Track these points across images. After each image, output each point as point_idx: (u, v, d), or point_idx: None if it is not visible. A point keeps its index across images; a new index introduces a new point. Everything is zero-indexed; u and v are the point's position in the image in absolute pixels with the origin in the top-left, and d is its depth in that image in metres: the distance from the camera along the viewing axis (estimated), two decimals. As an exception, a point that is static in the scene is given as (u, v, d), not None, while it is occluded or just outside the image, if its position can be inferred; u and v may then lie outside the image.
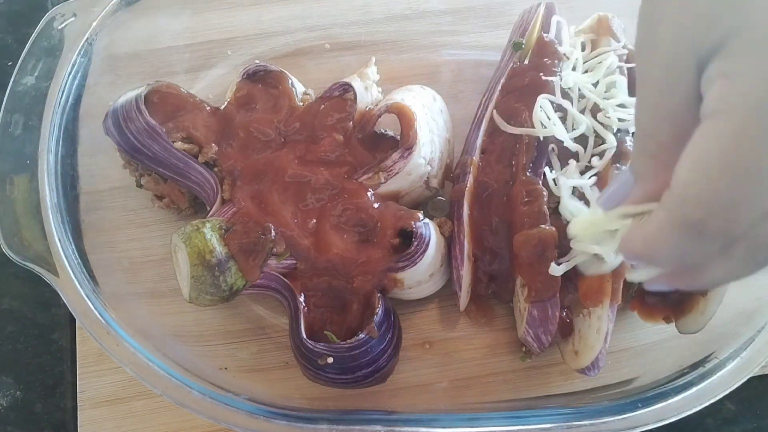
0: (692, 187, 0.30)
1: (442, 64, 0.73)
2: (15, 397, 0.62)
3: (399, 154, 0.57)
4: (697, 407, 0.52)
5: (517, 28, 0.67)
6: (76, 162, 0.63)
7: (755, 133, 0.27)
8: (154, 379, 0.51)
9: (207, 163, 0.60)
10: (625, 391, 0.57)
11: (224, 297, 0.54)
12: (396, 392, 0.59)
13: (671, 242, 0.32)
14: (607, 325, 0.51)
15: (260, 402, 0.52)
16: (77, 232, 0.60)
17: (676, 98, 0.32)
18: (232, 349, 0.60)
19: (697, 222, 0.30)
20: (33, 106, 0.61)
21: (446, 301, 0.62)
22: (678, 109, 0.32)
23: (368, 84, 0.63)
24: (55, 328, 0.64)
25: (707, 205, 0.29)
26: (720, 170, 0.28)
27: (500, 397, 0.59)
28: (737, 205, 0.29)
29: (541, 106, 0.57)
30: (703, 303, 0.55)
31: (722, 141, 0.28)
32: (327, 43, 0.73)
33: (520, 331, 0.56)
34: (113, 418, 0.58)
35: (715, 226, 0.30)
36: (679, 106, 0.32)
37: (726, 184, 0.28)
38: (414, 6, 0.75)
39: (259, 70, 0.63)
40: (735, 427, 0.62)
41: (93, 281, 0.57)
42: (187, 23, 0.72)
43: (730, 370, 0.53)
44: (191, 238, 0.53)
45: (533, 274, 0.53)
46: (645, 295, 0.59)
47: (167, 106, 0.61)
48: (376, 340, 0.53)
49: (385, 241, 0.57)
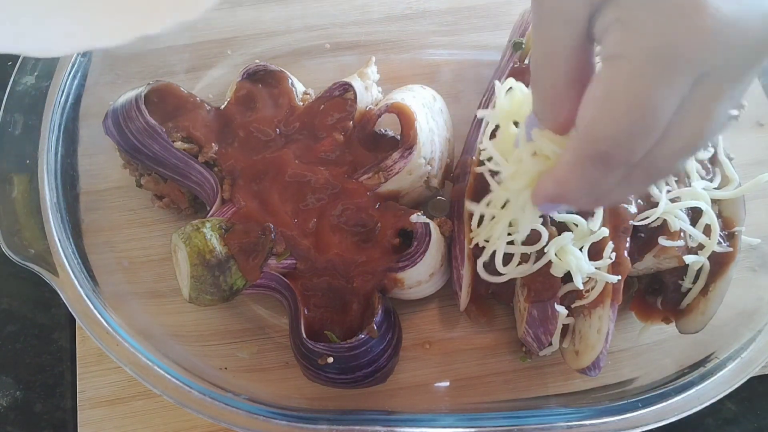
0: (598, 124, 0.33)
1: (442, 64, 0.73)
2: (15, 397, 0.62)
3: (399, 153, 0.57)
4: (698, 407, 0.52)
5: (517, 28, 0.67)
6: (76, 162, 0.63)
7: (652, 75, 0.31)
8: (154, 379, 0.51)
9: (207, 162, 0.60)
10: (625, 391, 0.57)
11: (224, 297, 0.54)
12: (396, 392, 0.59)
13: (581, 178, 0.36)
14: (608, 325, 0.51)
15: (260, 402, 0.52)
16: (77, 231, 0.60)
17: (568, 42, 0.35)
18: (232, 349, 0.60)
19: (604, 154, 0.34)
20: (33, 105, 0.61)
21: (446, 301, 0.62)
22: (570, 53, 0.35)
23: (368, 84, 0.63)
24: (55, 328, 0.64)
25: (612, 138, 0.33)
26: (622, 107, 0.32)
27: (500, 397, 0.59)
28: (637, 136, 0.33)
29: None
30: (704, 303, 0.55)
31: (624, 82, 0.32)
32: (327, 43, 0.73)
33: (520, 331, 0.56)
34: (113, 418, 0.58)
35: (619, 157, 0.34)
36: (572, 50, 0.35)
37: (628, 119, 0.32)
38: (414, 6, 0.75)
39: (259, 69, 0.63)
40: (735, 427, 0.62)
41: (93, 281, 0.57)
42: (186, 23, 0.72)
43: (730, 370, 0.53)
44: (191, 238, 0.53)
45: (533, 274, 0.53)
46: (645, 296, 0.59)
47: (167, 105, 0.61)
48: (376, 340, 0.53)
49: (385, 241, 0.57)
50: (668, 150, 0.34)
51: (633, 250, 0.54)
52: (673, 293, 0.57)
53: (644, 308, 0.59)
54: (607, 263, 0.51)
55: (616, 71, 0.32)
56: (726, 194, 0.56)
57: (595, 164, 0.35)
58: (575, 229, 0.53)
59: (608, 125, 0.33)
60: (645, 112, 0.32)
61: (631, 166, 0.35)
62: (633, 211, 0.53)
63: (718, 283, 0.54)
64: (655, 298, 0.58)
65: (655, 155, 0.34)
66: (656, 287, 0.59)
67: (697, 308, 0.55)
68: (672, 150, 0.34)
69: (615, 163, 0.34)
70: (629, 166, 0.35)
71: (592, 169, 0.35)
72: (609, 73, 0.33)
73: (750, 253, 0.61)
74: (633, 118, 0.32)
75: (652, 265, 0.55)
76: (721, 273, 0.54)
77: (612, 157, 0.34)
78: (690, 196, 0.54)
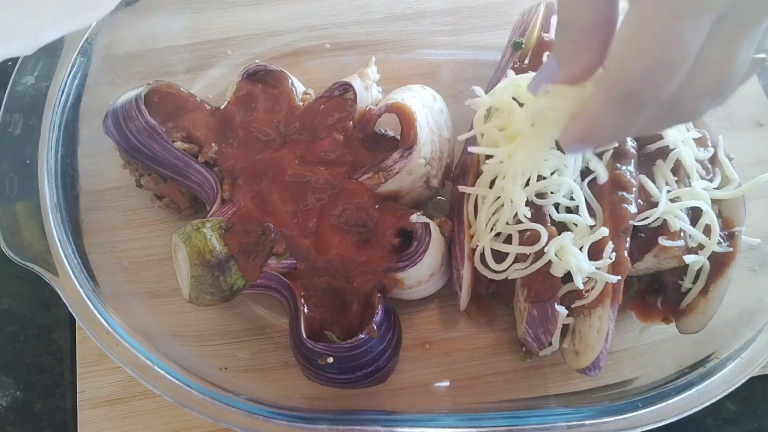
0: (627, 62, 0.35)
1: (442, 64, 0.73)
2: (15, 397, 0.62)
3: (399, 153, 0.57)
4: (698, 407, 0.52)
5: (517, 28, 0.67)
6: (76, 162, 0.63)
7: (675, 12, 0.32)
8: (154, 379, 0.51)
9: (207, 162, 0.60)
10: (625, 391, 0.57)
11: (224, 297, 0.54)
12: (396, 392, 0.59)
13: (610, 117, 0.37)
14: (608, 325, 0.51)
15: (260, 402, 0.52)
16: (77, 231, 0.60)
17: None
18: (232, 349, 0.60)
19: (634, 93, 0.35)
20: (33, 105, 0.61)
21: (446, 301, 0.62)
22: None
23: (368, 84, 0.63)
24: (55, 328, 0.64)
25: (641, 75, 0.34)
26: (649, 44, 0.33)
27: (500, 397, 0.59)
28: (664, 72, 0.34)
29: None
30: (704, 303, 0.55)
31: (650, 20, 0.33)
32: (327, 43, 0.73)
33: (520, 331, 0.56)
34: (113, 418, 0.58)
35: (648, 94, 0.35)
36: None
37: (655, 55, 0.33)
38: (414, 6, 0.75)
39: (259, 69, 0.63)
40: (735, 427, 0.62)
41: (93, 281, 0.57)
42: (186, 23, 0.72)
43: (730, 370, 0.53)
44: (191, 238, 0.53)
45: (533, 274, 0.53)
46: (645, 296, 0.59)
47: (167, 105, 0.61)
48: (376, 340, 0.53)
49: (385, 241, 0.57)
50: (694, 90, 0.35)
51: (633, 250, 0.54)
52: (673, 293, 0.57)
53: (644, 308, 0.59)
54: (607, 263, 0.51)
55: (638, 12, 0.34)
56: (726, 194, 0.56)
57: (625, 103, 0.36)
58: (575, 229, 0.53)
59: (637, 63, 0.34)
60: (671, 48, 0.33)
61: (658, 106, 0.36)
62: (633, 211, 0.53)
63: (718, 283, 0.54)
64: (655, 298, 0.58)
65: (682, 95, 0.36)
66: (656, 287, 0.59)
67: (697, 308, 0.55)
68: (698, 90, 0.36)
69: (644, 102, 0.35)
70: (657, 104, 0.36)
71: (622, 108, 0.36)
72: (635, 13, 0.34)
73: (750, 253, 0.61)
74: (660, 54, 0.33)
75: (652, 265, 0.55)
76: (721, 273, 0.54)
77: (641, 95, 0.35)
78: (690, 196, 0.54)
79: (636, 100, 0.35)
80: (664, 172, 0.56)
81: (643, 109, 0.36)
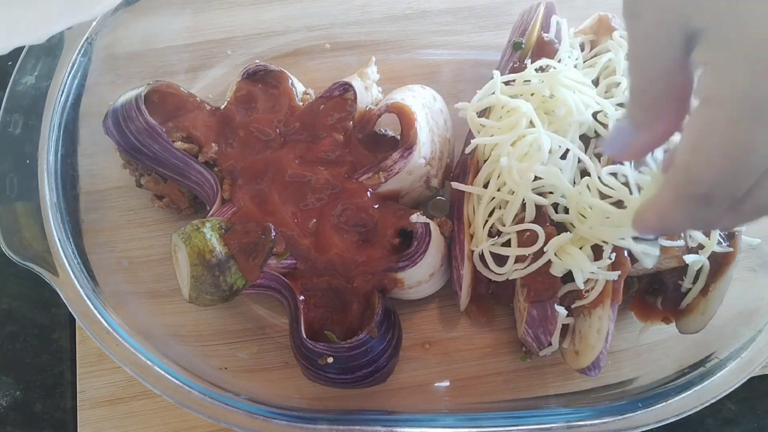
0: (695, 167, 0.34)
1: (442, 64, 0.73)
2: (15, 397, 0.62)
3: (399, 153, 0.57)
4: (698, 407, 0.52)
5: (517, 28, 0.67)
6: (76, 162, 0.63)
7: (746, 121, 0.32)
8: (154, 379, 0.51)
9: (207, 162, 0.60)
10: (625, 391, 0.57)
11: (224, 297, 0.54)
12: (396, 392, 0.59)
13: (683, 214, 0.36)
14: (608, 325, 0.51)
15: (260, 402, 0.52)
16: (77, 231, 0.60)
17: (665, 62, 0.35)
18: (232, 349, 0.60)
19: (703, 195, 0.34)
20: (33, 105, 0.61)
21: (446, 301, 0.62)
22: (668, 72, 0.35)
23: (368, 84, 0.63)
24: (55, 328, 0.64)
25: (710, 181, 0.34)
26: (718, 153, 0.33)
27: (500, 397, 0.59)
28: (735, 180, 0.33)
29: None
30: (704, 303, 0.55)
31: (718, 127, 0.32)
32: (327, 43, 0.73)
33: (520, 331, 0.56)
34: (113, 418, 0.58)
35: (720, 196, 0.34)
36: (669, 69, 0.35)
37: (724, 164, 0.33)
38: (414, 6, 0.75)
39: (259, 69, 0.63)
40: (735, 427, 0.62)
41: (93, 281, 0.57)
42: (186, 23, 0.72)
43: (730, 370, 0.53)
44: (191, 238, 0.53)
45: (533, 274, 0.53)
46: (645, 296, 0.59)
47: (167, 105, 0.61)
48: (376, 340, 0.53)
49: (385, 241, 0.57)
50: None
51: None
52: (673, 293, 0.57)
53: (644, 308, 0.59)
54: (607, 263, 0.51)
55: (709, 115, 0.33)
56: (726, 194, 0.56)
57: (696, 203, 0.35)
58: (574, 230, 0.53)
59: (705, 170, 0.33)
60: (741, 158, 0.32)
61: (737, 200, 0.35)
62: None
63: (718, 283, 0.54)
64: (655, 298, 0.58)
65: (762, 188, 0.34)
66: (656, 287, 0.59)
67: (697, 308, 0.55)
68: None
69: (717, 202, 0.35)
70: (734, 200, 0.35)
71: (694, 206, 0.35)
72: (703, 116, 0.33)
73: (750, 253, 0.61)
74: (728, 164, 0.33)
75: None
76: (721, 273, 0.54)
77: (712, 197, 0.34)
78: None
79: (706, 201, 0.34)
80: (664, 172, 0.56)
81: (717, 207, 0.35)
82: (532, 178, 0.53)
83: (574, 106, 0.55)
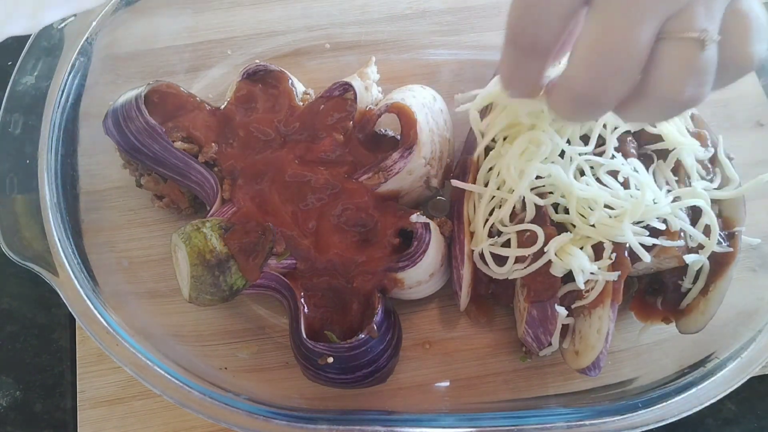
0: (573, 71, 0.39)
1: (442, 64, 0.73)
2: (15, 397, 0.62)
3: (399, 153, 0.57)
4: (698, 407, 0.52)
5: (517, 28, 0.67)
6: (76, 162, 0.63)
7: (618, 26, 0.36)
8: (154, 379, 0.51)
9: (207, 162, 0.60)
10: (625, 391, 0.57)
11: (224, 297, 0.54)
12: (396, 392, 0.59)
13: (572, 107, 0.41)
14: (608, 325, 0.51)
15: (260, 402, 0.52)
16: (77, 231, 0.60)
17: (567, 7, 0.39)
18: (232, 349, 0.60)
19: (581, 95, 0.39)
20: (33, 105, 0.61)
21: (446, 301, 0.62)
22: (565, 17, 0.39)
23: (368, 84, 0.63)
24: (55, 328, 0.64)
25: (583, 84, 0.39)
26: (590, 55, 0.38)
27: (500, 397, 0.59)
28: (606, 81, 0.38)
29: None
30: (704, 303, 0.55)
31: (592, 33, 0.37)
32: (327, 43, 0.73)
33: (520, 331, 0.56)
34: (113, 418, 0.58)
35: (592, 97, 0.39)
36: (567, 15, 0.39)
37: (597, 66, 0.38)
38: (414, 6, 0.75)
39: (259, 69, 0.63)
40: (735, 427, 0.62)
41: (93, 281, 0.57)
42: (186, 23, 0.72)
43: (730, 370, 0.53)
44: (191, 238, 0.53)
45: (533, 274, 0.53)
46: (645, 296, 0.59)
47: (167, 105, 0.61)
48: (376, 340, 0.53)
49: (385, 241, 0.57)
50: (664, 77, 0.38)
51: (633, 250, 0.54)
52: (673, 293, 0.57)
53: (644, 308, 0.59)
54: (607, 263, 0.51)
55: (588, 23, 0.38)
56: (726, 194, 0.56)
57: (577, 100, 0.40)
58: (574, 230, 0.53)
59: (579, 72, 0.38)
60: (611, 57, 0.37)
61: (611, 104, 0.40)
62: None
63: (718, 283, 0.54)
64: (655, 298, 0.58)
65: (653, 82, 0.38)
66: (656, 287, 0.59)
67: (697, 308, 0.55)
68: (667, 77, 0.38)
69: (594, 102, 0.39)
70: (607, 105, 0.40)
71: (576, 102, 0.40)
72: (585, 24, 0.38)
73: (750, 253, 0.61)
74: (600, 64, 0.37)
75: (652, 265, 0.55)
76: (721, 273, 0.54)
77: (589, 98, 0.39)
78: (690, 195, 0.54)
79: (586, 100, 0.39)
80: (664, 172, 0.56)
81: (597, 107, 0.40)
82: (532, 176, 0.53)
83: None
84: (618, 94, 0.39)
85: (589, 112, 0.42)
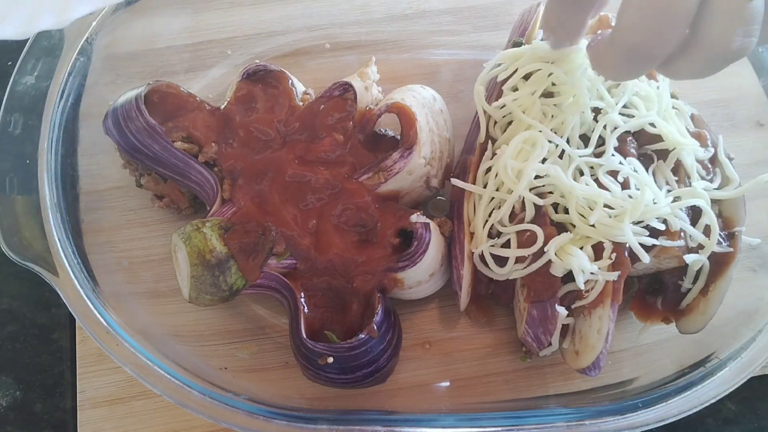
0: (628, 22, 0.40)
1: (442, 64, 0.73)
2: (15, 397, 0.62)
3: (399, 153, 0.57)
4: (698, 407, 0.52)
5: (517, 28, 0.67)
6: (76, 162, 0.63)
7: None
8: (154, 379, 0.52)
9: (207, 162, 0.60)
10: (625, 391, 0.57)
11: (224, 297, 0.54)
12: (396, 392, 0.59)
13: (623, 61, 0.43)
14: (608, 325, 0.51)
15: (260, 402, 0.52)
16: (77, 231, 0.60)
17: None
18: (232, 349, 0.60)
19: (635, 47, 0.41)
20: (33, 105, 0.61)
21: (446, 301, 0.62)
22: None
23: (368, 83, 0.63)
24: (55, 328, 0.64)
25: (639, 35, 0.40)
26: (646, 6, 0.39)
27: (500, 397, 0.59)
28: (661, 32, 0.39)
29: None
30: (704, 303, 0.55)
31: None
32: (327, 43, 0.73)
33: (520, 331, 0.56)
34: (113, 418, 0.58)
35: (646, 50, 0.41)
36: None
37: (652, 17, 0.39)
38: (414, 6, 0.75)
39: (259, 69, 0.63)
40: (735, 427, 0.62)
41: (93, 281, 0.57)
42: (186, 23, 0.72)
43: (730, 370, 0.53)
44: (191, 238, 0.53)
45: (533, 274, 0.53)
46: (645, 296, 0.59)
47: (167, 105, 0.61)
48: (376, 340, 0.53)
49: (385, 241, 0.57)
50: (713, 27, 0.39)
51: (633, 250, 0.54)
52: (673, 293, 0.57)
53: (644, 308, 0.59)
54: (607, 263, 0.51)
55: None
56: (726, 194, 0.56)
57: (628, 52, 0.41)
58: (574, 230, 0.53)
59: (632, 23, 0.40)
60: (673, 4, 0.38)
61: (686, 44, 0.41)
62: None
63: (718, 283, 0.54)
64: (655, 298, 0.58)
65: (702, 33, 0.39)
66: (656, 287, 0.59)
67: (697, 308, 0.55)
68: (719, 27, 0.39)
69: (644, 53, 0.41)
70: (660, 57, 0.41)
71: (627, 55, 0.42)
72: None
73: (750, 253, 0.61)
74: (653, 17, 0.39)
75: (652, 265, 0.55)
76: (721, 273, 0.54)
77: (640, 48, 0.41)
78: (690, 195, 0.54)
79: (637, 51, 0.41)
80: (664, 172, 0.56)
81: (648, 61, 0.41)
82: (531, 177, 0.53)
83: (585, 92, 0.55)
84: (671, 46, 0.40)
85: (639, 65, 0.42)
